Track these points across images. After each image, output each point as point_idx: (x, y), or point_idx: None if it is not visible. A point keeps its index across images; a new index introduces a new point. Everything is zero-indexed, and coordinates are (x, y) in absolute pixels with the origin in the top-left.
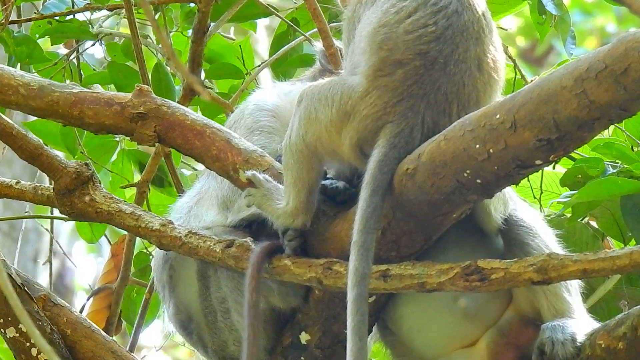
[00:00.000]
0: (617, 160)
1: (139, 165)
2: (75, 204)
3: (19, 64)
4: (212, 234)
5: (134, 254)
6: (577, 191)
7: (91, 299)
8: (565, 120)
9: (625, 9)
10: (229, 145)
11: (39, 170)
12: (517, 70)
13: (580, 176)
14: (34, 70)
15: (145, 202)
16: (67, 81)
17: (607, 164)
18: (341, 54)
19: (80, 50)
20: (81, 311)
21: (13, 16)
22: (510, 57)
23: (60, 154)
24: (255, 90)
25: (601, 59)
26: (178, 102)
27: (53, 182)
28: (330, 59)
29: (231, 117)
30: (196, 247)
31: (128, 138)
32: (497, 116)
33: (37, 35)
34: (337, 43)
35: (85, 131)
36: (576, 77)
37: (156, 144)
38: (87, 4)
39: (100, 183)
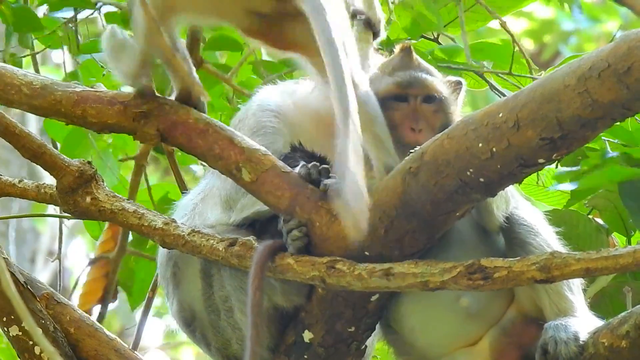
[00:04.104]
0: (615, 139)
1: None
2: (78, 203)
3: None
4: (215, 233)
5: None
6: (573, 168)
7: (89, 267)
8: (568, 119)
9: (631, 15)
10: (231, 143)
11: (37, 172)
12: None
13: (580, 158)
14: (34, 37)
15: (143, 176)
16: (65, 48)
17: (606, 141)
18: None
19: (78, 19)
20: (75, 286)
21: None
22: (510, 33)
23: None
24: (259, 89)
25: (604, 58)
26: None
27: (56, 180)
28: None
29: (236, 116)
30: (199, 246)
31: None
32: (500, 115)
33: (36, 3)
34: None
35: None
36: (579, 75)
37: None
38: None
39: (103, 181)
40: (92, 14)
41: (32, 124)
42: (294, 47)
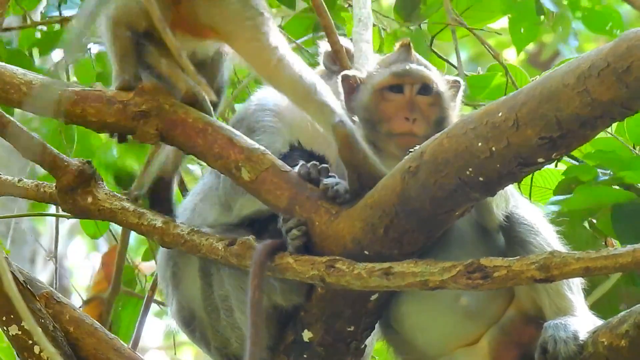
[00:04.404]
0: (607, 168)
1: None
2: (78, 202)
3: None
4: (214, 232)
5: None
6: (566, 196)
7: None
8: (568, 118)
9: (631, 15)
10: (230, 143)
11: (37, 174)
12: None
13: (573, 186)
14: None
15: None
16: None
17: (599, 171)
18: (347, 52)
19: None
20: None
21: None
22: (501, 63)
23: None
24: (258, 89)
25: (603, 57)
26: None
27: (55, 180)
28: (336, 56)
29: (234, 116)
30: (198, 245)
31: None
32: (500, 114)
33: (27, 46)
34: (342, 40)
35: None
36: (578, 75)
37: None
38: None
39: (102, 181)
40: (83, 55)
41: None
42: (211, 33)
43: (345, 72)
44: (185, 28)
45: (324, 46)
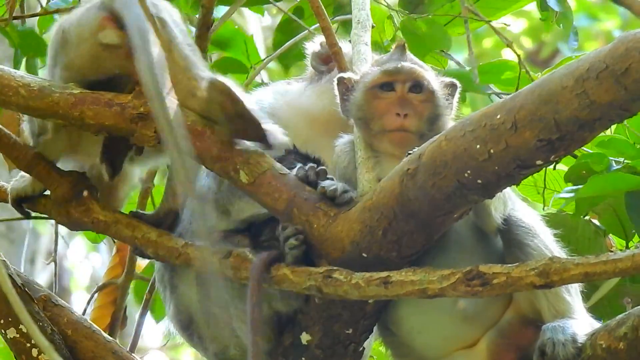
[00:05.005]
0: (620, 157)
1: None
2: (72, 214)
3: (24, 59)
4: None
5: None
6: (580, 186)
7: (96, 294)
8: (566, 120)
9: (630, 14)
10: (229, 145)
11: None
12: (521, 66)
13: (584, 172)
14: (40, 64)
15: (150, 198)
16: None
17: (612, 160)
18: (345, 55)
19: None
20: (86, 306)
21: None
22: (514, 51)
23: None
24: (253, 90)
25: (602, 59)
26: None
27: (50, 191)
28: (334, 58)
29: None
30: (193, 258)
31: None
32: (498, 116)
33: (43, 31)
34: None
35: None
36: (577, 77)
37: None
38: None
39: (97, 193)
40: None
41: None
42: None
43: (341, 74)
44: None
45: (312, 47)
